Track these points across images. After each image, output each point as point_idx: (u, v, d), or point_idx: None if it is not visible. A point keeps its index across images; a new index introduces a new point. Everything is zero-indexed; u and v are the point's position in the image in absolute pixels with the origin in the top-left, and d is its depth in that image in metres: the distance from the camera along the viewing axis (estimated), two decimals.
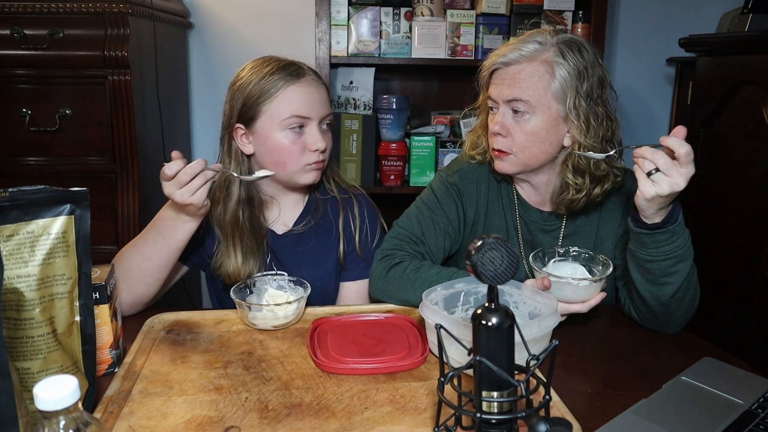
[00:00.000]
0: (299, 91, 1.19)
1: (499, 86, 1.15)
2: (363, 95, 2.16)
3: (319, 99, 1.21)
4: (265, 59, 1.23)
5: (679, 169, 0.96)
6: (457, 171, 1.28)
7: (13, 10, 1.68)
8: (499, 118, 1.16)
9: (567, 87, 1.11)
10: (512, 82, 1.13)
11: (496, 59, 1.16)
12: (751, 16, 1.80)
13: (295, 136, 1.19)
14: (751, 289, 1.64)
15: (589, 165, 1.14)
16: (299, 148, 1.19)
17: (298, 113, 1.18)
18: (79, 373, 0.80)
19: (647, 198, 0.98)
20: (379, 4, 2.09)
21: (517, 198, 1.27)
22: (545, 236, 1.26)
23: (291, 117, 1.18)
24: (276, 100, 1.18)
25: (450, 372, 0.68)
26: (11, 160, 1.76)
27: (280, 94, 1.18)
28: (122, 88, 1.71)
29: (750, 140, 1.68)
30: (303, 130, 1.20)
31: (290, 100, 1.18)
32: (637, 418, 0.82)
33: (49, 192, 0.76)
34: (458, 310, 1.05)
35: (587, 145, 1.12)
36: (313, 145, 1.19)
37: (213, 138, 2.36)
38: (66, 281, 0.78)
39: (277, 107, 1.18)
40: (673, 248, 1.03)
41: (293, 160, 1.20)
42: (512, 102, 1.13)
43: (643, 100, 2.44)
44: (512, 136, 1.15)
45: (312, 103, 1.19)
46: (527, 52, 1.13)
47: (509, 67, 1.14)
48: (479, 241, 0.61)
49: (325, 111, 1.22)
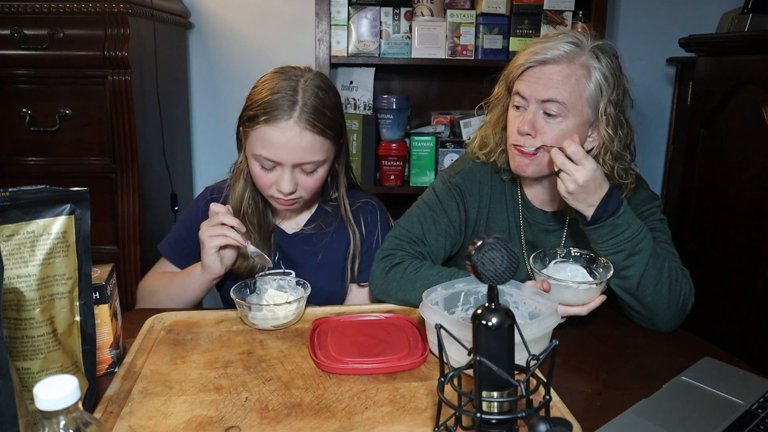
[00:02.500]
0: (273, 133, 1.11)
1: (534, 84, 1.11)
2: (363, 95, 2.16)
3: (297, 144, 1.11)
4: (276, 74, 1.17)
5: (574, 166, 1.04)
6: (459, 171, 1.27)
7: (13, 10, 1.68)
8: (529, 117, 1.12)
9: (601, 92, 1.11)
10: (549, 81, 1.10)
11: (531, 56, 1.11)
12: (751, 16, 1.80)
13: (263, 171, 1.16)
14: (751, 289, 1.64)
15: (614, 172, 1.14)
16: (267, 182, 1.17)
17: (265, 154, 1.13)
18: (79, 373, 0.80)
19: (562, 195, 1.07)
20: (379, 4, 2.09)
21: (522, 199, 1.26)
22: (548, 237, 1.26)
23: (259, 155, 1.13)
24: (254, 131, 1.13)
25: (450, 372, 0.68)
26: (11, 160, 1.76)
27: (259, 128, 1.12)
28: (122, 88, 1.71)
29: (750, 140, 1.68)
30: (275, 168, 1.15)
31: (263, 139, 1.12)
32: (637, 418, 0.82)
33: (49, 192, 0.76)
34: (458, 310, 1.05)
35: (614, 152, 1.13)
36: (279, 186, 1.15)
37: (213, 138, 2.39)
38: (66, 281, 0.78)
39: (252, 140, 1.14)
40: (618, 241, 1.07)
41: (263, 188, 1.19)
42: (546, 103, 1.10)
43: (643, 100, 2.44)
44: (538, 138, 1.12)
45: (284, 148, 1.11)
46: (566, 53, 1.10)
47: (546, 66, 1.10)
48: (479, 241, 0.61)
49: (303, 159, 1.13)
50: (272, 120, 1.11)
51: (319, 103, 1.13)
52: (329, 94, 1.18)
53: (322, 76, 1.20)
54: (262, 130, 1.12)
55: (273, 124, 1.11)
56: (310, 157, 1.14)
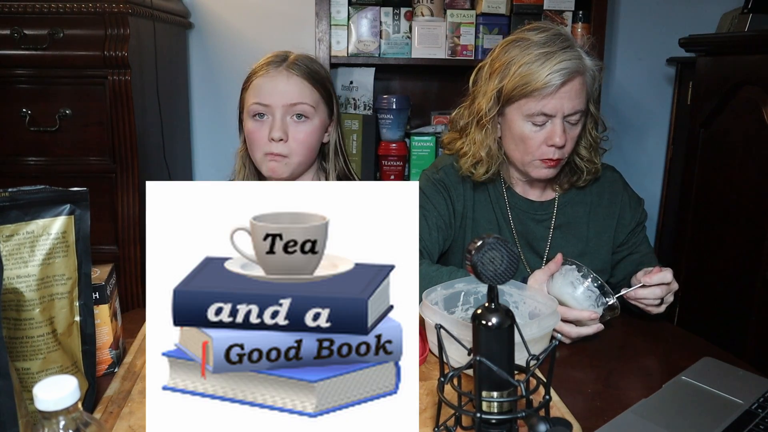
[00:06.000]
0: (264, 80, 1.21)
1: (559, 102, 1.12)
2: (363, 95, 2.16)
3: (284, 87, 1.20)
4: (273, 53, 1.26)
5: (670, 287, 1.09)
6: (441, 168, 1.29)
7: (13, 10, 1.68)
8: (559, 131, 1.13)
9: (592, 87, 1.17)
10: (572, 94, 1.12)
11: (555, 77, 1.09)
12: (751, 16, 1.80)
13: (257, 124, 1.22)
14: (751, 289, 1.64)
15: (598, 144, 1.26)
16: (261, 137, 1.22)
17: (257, 100, 1.21)
18: (79, 373, 0.80)
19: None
20: (379, 4, 2.09)
21: (506, 189, 1.28)
22: (537, 226, 1.27)
23: (252, 104, 1.21)
24: (249, 88, 1.23)
25: (450, 372, 0.68)
26: (11, 160, 1.76)
27: (251, 83, 1.23)
28: (122, 88, 1.71)
29: (750, 140, 1.68)
30: (266, 119, 1.22)
31: (255, 89, 1.22)
32: (637, 418, 0.82)
33: (49, 192, 0.76)
34: (458, 310, 1.05)
35: (597, 137, 1.25)
36: (270, 133, 1.20)
37: (213, 138, 2.39)
38: (66, 281, 0.78)
39: (247, 97, 1.24)
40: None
41: (257, 148, 1.23)
42: (572, 115, 1.14)
43: (643, 100, 2.44)
44: (566, 146, 1.16)
45: (274, 91, 1.20)
46: (578, 66, 1.12)
47: (566, 84, 1.11)
48: (479, 241, 0.61)
49: (290, 100, 1.20)
50: (263, 72, 1.22)
51: (308, 62, 1.25)
52: (319, 65, 1.28)
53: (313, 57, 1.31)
54: (255, 82, 1.23)
55: (264, 74, 1.22)
56: (298, 98, 1.21)
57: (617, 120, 2.43)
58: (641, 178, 2.36)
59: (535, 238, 1.27)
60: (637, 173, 2.36)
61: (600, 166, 1.26)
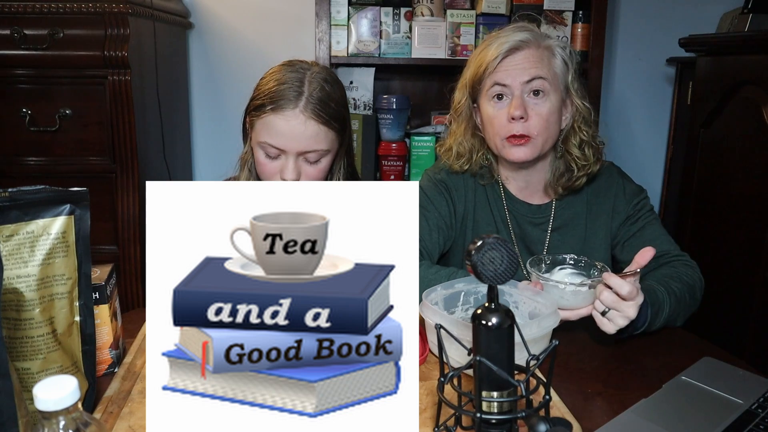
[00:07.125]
0: (279, 121, 1.14)
1: (513, 71, 1.15)
2: (363, 95, 2.16)
3: (301, 133, 1.14)
4: (284, 66, 1.20)
5: (627, 303, 0.97)
6: (443, 169, 1.31)
7: (13, 10, 1.68)
8: (518, 102, 1.15)
9: (567, 67, 1.18)
10: (526, 63, 1.15)
11: (501, 47, 1.15)
12: (751, 16, 1.80)
13: (269, 160, 1.18)
14: (751, 289, 1.64)
15: (594, 140, 1.22)
16: (271, 170, 1.18)
17: (270, 141, 1.15)
18: (79, 373, 0.80)
19: (611, 333, 1.00)
20: (379, 4, 2.09)
21: (504, 192, 1.28)
22: (535, 229, 1.27)
23: (264, 143, 1.16)
24: (261, 120, 1.16)
25: (450, 372, 0.68)
26: (11, 160, 1.76)
27: (265, 117, 1.15)
28: (122, 88, 1.71)
29: (750, 140, 1.68)
30: (279, 157, 1.17)
31: (269, 128, 1.15)
32: (637, 418, 0.82)
33: (49, 192, 0.76)
34: (458, 310, 1.05)
35: (588, 121, 1.21)
36: (282, 174, 1.17)
37: (213, 138, 2.39)
38: (66, 281, 0.78)
39: (258, 128, 1.17)
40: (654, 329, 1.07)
41: (267, 177, 1.20)
42: (532, 82, 1.15)
43: (643, 100, 2.44)
44: (530, 120, 1.15)
45: (289, 135, 1.14)
46: (529, 38, 1.16)
47: (519, 52, 1.15)
48: (479, 241, 0.61)
49: (307, 147, 1.15)
50: (278, 109, 1.13)
51: (324, 95, 1.16)
52: (335, 87, 1.20)
53: (328, 71, 1.23)
54: (268, 119, 1.15)
55: (279, 112, 1.13)
56: (314, 145, 1.15)
57: (617, 120, 2.43)
58: (641, 178, 2.34)
59: (532, 241, 1.27)
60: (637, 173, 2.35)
61: (596, 167, 1.24)
